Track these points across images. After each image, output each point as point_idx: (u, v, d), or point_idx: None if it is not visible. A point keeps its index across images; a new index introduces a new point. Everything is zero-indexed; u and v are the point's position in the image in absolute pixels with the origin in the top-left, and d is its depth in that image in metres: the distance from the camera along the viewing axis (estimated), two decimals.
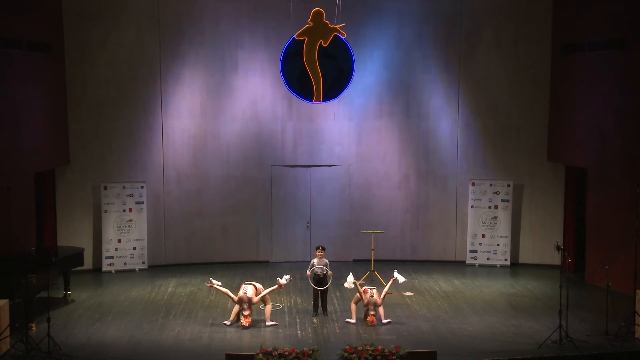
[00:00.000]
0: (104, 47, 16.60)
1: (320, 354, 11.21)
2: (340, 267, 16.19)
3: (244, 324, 12.68)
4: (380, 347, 11.21)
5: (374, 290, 13.04)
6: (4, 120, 14.44)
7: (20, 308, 12.51)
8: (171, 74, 16.89)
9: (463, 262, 17.45)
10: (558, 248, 12.31)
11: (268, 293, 13.15)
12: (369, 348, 11.19)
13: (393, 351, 11.12)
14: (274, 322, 12.97)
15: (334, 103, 17.16)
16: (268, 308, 13.08)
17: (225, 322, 12.98)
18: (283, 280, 13.31)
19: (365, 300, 12.93)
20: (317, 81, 16.05)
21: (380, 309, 13.05)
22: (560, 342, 11.83)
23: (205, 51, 16.95)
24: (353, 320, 13.08)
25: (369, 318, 12.88)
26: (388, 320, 13.04)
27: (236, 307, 12.95)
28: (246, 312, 12.75)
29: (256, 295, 12.99)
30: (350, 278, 13.40)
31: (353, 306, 13.17)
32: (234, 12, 17.00)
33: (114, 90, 16.72)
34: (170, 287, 15.54)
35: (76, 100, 16.62)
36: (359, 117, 17.47)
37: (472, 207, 17.35)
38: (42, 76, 15.68)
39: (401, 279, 13.53)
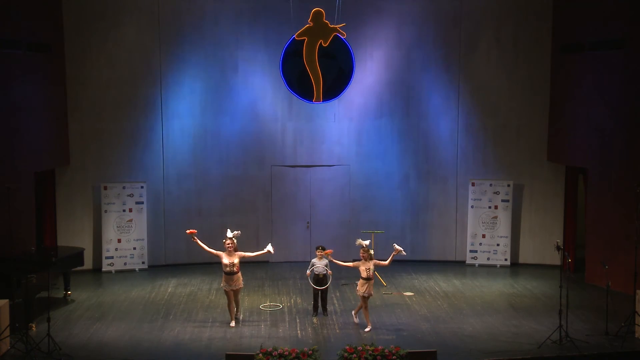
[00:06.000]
0: (104, 47, 16.60)
1: (320, 354, 11.21)
2: (340, 267, 16.17)
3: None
4: (380, 347, 11.21)
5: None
6: (4, 120, 14.44)
7: (20, 308, 12.51)
8: (171, 74, 16.89)
9: (463, 262, 17.45)
10: (558, 248, 12.31)
11: (254, 255, 13.29)
12: (369, 348, 11.19)
13: (393, 351, 11.12)
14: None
15: (334, 103, 17.16)
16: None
17: (231, 324, 12.95)
18: (269, 247, 13.35)
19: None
20: (317, 81, 16.08)
21: (367, 314, 12.84)
22: (560, 342, 11.83)
23: (205, 51, 16.95)
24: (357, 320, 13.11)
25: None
26: (369, 328, 12.65)
27: (232, 305, 12.99)
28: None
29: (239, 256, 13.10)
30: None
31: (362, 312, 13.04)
32: (234, 12, 16.99)
33: (114, 90, 16.72)
34: (170, 287, 15.54)
35: (76, 100, 16.62)
36: (359, 117, 17.47)
37: (472, 207, 17.36)
38: (42, 76, 15.68)
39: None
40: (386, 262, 12.94)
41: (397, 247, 12.84)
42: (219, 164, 17.27)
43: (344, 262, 13.32)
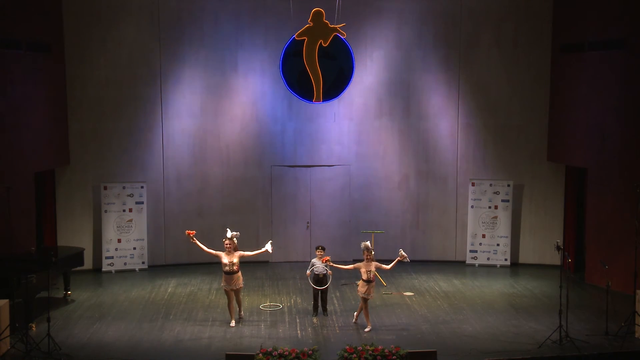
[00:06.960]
0: (104, 47, 16.60)
1: (320, 354, 11.21)
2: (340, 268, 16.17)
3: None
4: (380, 347, 11.21)
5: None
6: (4, 120, 14.44)
7: (20, 308, 12.51)
8: (171, 74, 16.89)
9: (463, 262, 17.45)
10: (558, 248, 12.31)
11: (253, 254, 13.27)
12: (369, 348, 11.20)
13: (393, 351, 11.12)
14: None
15: (334, 103, 17.16)
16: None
17: (230, 324, 12.94)
18: (268, 246, 13.36)
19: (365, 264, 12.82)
20: (317, 81, 16.06)
21: (367, 315, 12.82)
22: (560, 342, 11.83)
23: (205, 51, 16.95)
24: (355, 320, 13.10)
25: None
26: (369, 328, 12.67)
27: (232, 305, 12.99)
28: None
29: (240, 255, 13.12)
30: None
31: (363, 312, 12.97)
32: (234, 12, 17.00)
33: (114, 90, 16.72)
34: (170, 287, 15.54)
35: (76, 100, 16.63)
36: (359, 117, 17.47)
37: (472, 207, 17.35)
38: (42, 76, 15.68)
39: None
40: (388, 267, 12.86)
41: (402, 253, 12.74)
42: (219, 164, 17.27)
43: (345, 265, 13.27)
